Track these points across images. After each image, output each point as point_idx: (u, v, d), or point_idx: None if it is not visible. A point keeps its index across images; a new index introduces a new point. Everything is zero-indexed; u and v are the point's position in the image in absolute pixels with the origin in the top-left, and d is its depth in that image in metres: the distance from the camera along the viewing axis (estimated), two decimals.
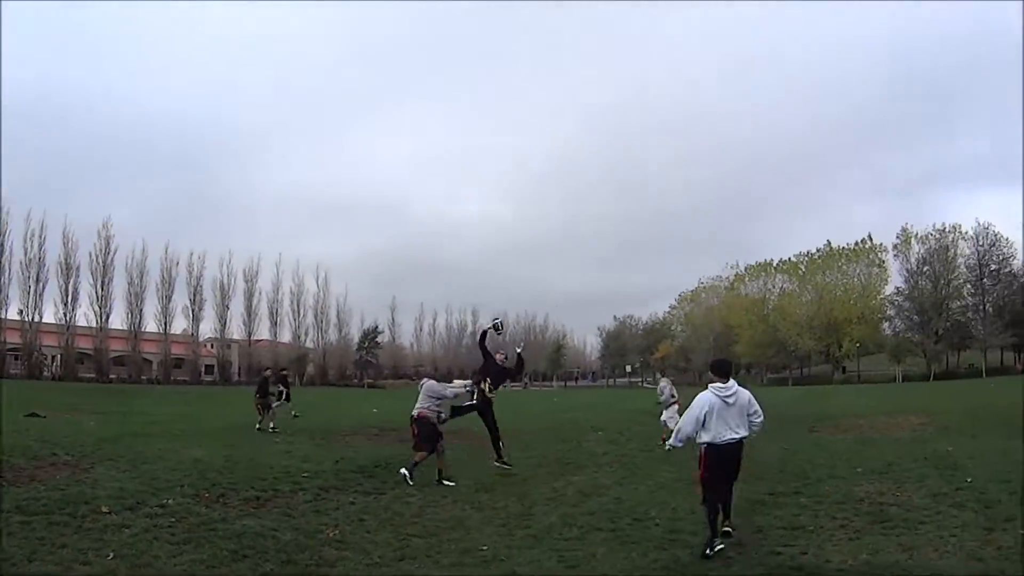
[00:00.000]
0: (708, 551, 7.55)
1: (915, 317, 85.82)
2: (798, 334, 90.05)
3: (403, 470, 12.37)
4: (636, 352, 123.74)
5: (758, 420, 8.30)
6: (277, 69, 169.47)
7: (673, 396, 18.87)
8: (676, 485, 11.91)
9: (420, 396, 13.25)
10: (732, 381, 8.15)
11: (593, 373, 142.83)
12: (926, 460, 13.87)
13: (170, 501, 9.57)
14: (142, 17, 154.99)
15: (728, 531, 8.13)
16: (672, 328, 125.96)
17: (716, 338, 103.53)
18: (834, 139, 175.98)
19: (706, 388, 8.15)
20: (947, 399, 34.24)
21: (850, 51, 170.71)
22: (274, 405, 24.13)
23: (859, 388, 64.57)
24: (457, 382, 14.64)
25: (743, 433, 8.10)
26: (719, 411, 7.90)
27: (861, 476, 12.41)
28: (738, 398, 8.03)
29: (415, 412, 13.01)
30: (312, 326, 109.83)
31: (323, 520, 9.30)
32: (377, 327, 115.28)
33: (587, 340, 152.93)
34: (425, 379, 13.91)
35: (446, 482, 12.35)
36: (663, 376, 20.60)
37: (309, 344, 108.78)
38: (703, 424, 7.94)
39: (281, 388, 26.10)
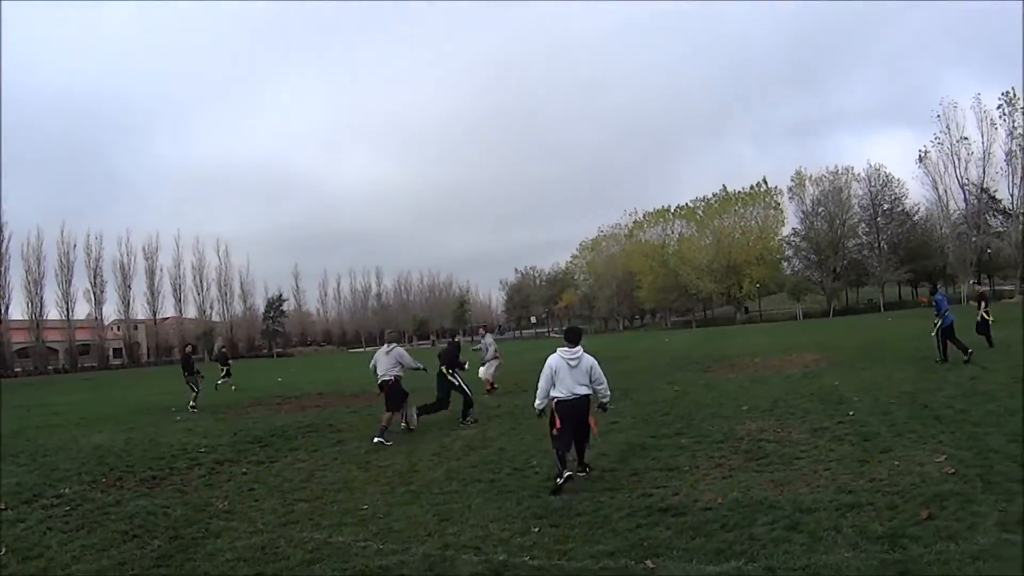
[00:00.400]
0: (559, 480, 8.46)
1: (812, 256, 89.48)
2: (698, 277, 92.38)
3: (376, 439, 12.77)
4: (540, 303, 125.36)
5: (601, 387, 9.33)
6: (167, 44, 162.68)
7: (496, 354, 20.06)
8: None
9: (386, 361, 14.03)
10: (579, 347, 9.24)
11: (500, 327, 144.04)
12: (812, 396, 14.43)
13: (67, 490, 9.85)
14: None
15: (584, 471, 9.17)
16: (575, 277, 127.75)
17: (618, 285, 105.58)
18: (730, 88, 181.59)
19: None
20: (843, 335, 35.74)
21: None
22: (219, 382, 26.97)
23: (760, 327, 66.71)
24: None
25: (586, 391, 9.10)
26: (566, 371, 9.03)
27: (745, 415, 12.85)
28: (581, 362, 9.12)
29: (387, 378, 13.84)
30: (217, 299, 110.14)
31: (214, 493, 9.58)
32: (281, 295, 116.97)
33: (492, 295, 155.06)
34: (394, 344, 14.64)
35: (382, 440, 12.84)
36: (488, 332, 20.77)
37: (216, 318, 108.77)
38: (555, 382, 9.05)
39: (222, 366, 28.70)
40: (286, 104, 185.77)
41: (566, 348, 9.21)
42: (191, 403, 20.51)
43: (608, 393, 9.52)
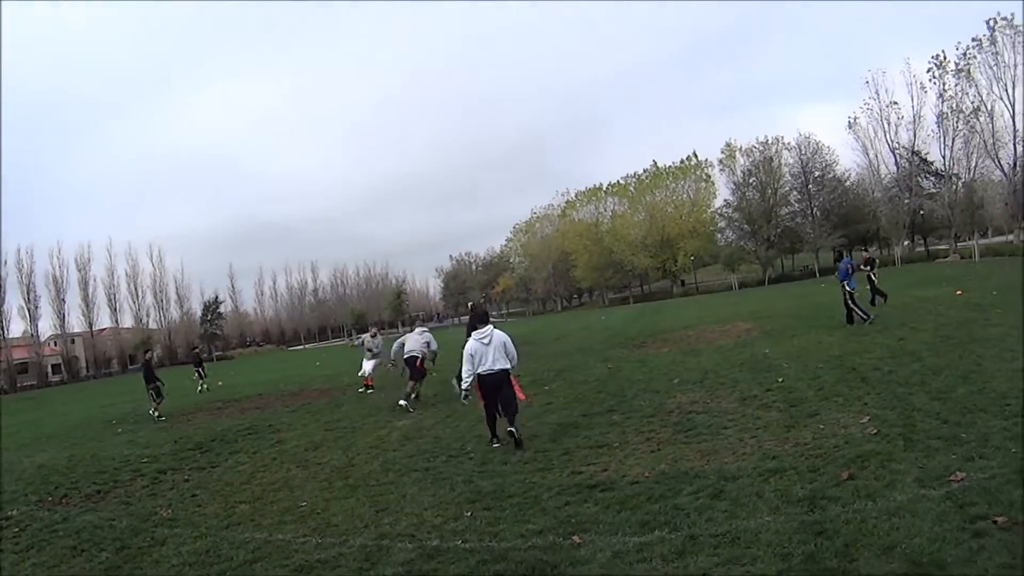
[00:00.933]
0: (493, 443, 10.22)
1: (745, 226, 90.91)
2: (633, 254, 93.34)
3: (402, 401, 15.12)
4: (477, 288, 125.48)
5: (512, 358, 10.64)
6: (87, 47, 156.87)
7: (376, 348, 20.29)
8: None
9: (417, 340, 16.35)
10: (489, 327, 10.63)
11: (438, 314, 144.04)
12: (743, 365, 14.83)
13: (15, 512, 9.84)
14: None
15: (516, 439, 10.04)
16: (510, 261, 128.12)
17: (554, 266, 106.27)
18: (660, 62, 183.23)
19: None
20: (777, 303, 36.48)
21: None
22: (203, 385, 28.31)
23: (696, 300, 67.77)
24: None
25: (503, 365, 10.40)
26: (482, 351, 10.43)
27: (676, 388, 13.17)
28: (493, 339, 10.46)
29: (415, 355, 16.11)
30: (153, 307, 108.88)
31: (158, 502, 9.68)
32: (218, 298, 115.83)
33: (429, 283, 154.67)
34: (425, 329, 17.35)
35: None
36: (377, 329, 20.98)
37: (153, 325, 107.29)
38: (477, 363, 10.42)
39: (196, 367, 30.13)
40: (215, 98, 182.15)
41: (478, 330, 10.57)
42: (153, 411, 20.26)
43: (516, 362, 10.77)
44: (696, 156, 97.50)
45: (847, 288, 19.43)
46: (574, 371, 18.01)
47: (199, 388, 28.70)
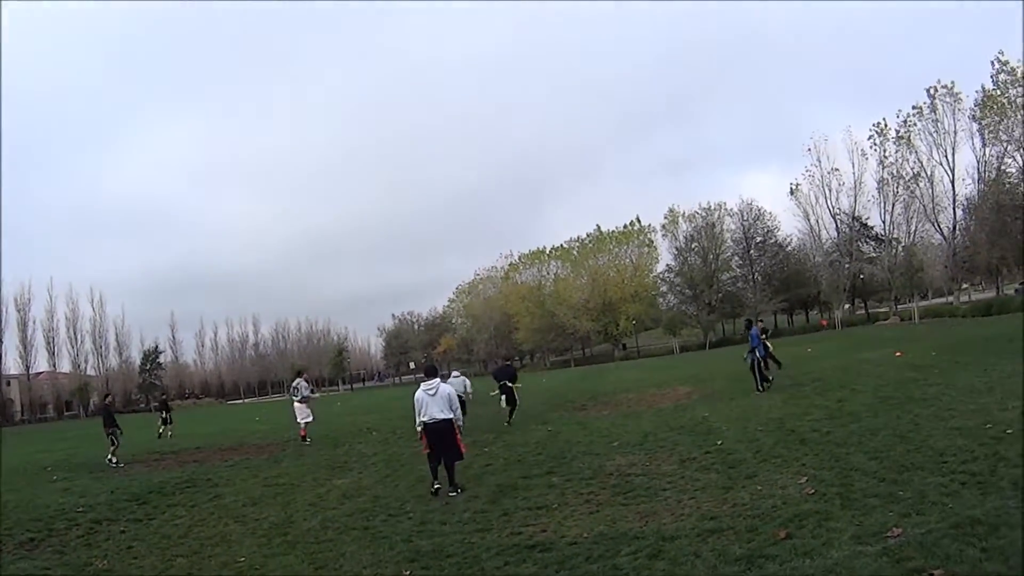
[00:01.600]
0: (432, 489, 11.16)
1: (687, 291, 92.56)
2: (575, 317, 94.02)
3: None
4: (419, 348, 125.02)
5: (456, 412, 11.60)
6: (32, 83, 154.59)
7: (305, 397, 20.98)
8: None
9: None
10: (436, 379, 11.74)
11: (379, 373, 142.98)
12: (682, 428, 14.99)
13: None
14: None
15: (454, 491, 11.03)
16: (453, 321, 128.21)
17: (496, 327, 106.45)
18: (604, 126, 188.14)
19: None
20: (717, 367, 36.86)
21: (626, 42, 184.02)
22: (161, 429, 28.10)
23: (637, 363, 68.15)
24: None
25: (447, 415, 11.38)
26: (428, 401, 11.43)
27: (616, 450, 13.28)
28: (439, 391, 11.52)
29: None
30: (92, 352, 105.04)
31: (93, 552, 9.55)
32: (158, 347, 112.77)
33: (370, 340, 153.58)
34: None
35: None
36: (302, 378, 21.16)
37: (91, 371, 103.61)
38: (420, 412, 11.48)
39: (163, 412, 29.78)
40: (159, 145, 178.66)
41: (426, 382, 11.63)
42: (110, 457, 19.89)
43: (462, 418, 12.00)
44: (639, 221, 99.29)
45: (757, 355, 20.23)
46: (515, 433, 18.03)
47: (160, 433, 28.30)
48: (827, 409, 14.66)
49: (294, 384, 21.87)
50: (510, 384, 20.92)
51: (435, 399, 11.40)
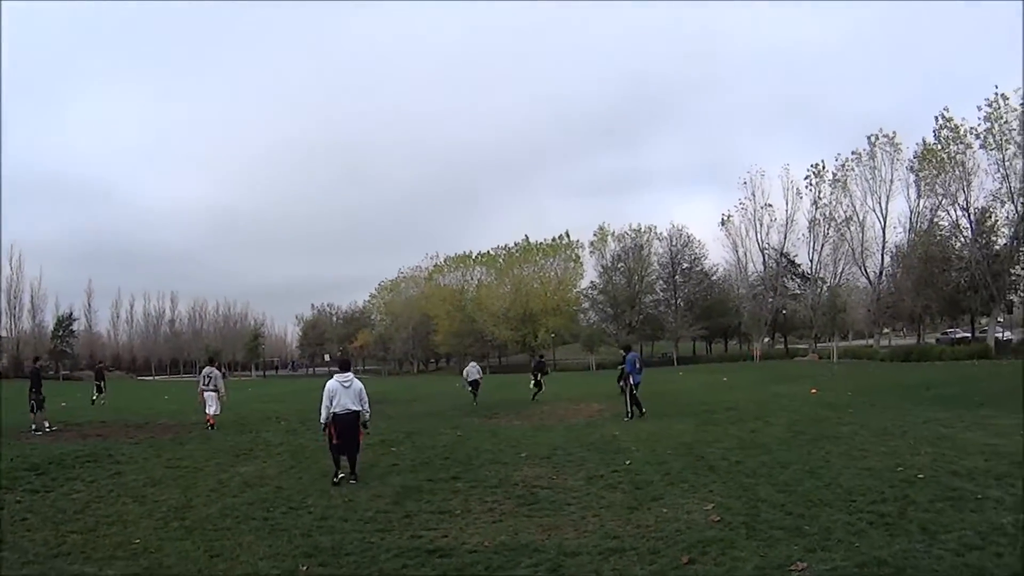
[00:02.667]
0: (335, 479, 11.56)
1: (609, 309, 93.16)
2: (495, 325, 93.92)
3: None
4: (335, 341, 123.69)
5: (365, 406, 12.23)
6: None
7: (217, 387, 20.67)
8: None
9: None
10: (350, 373, 12.34)
11: (293, 362, 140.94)
12: (592, 445, 15.02)
13: None
14: None
15: (354, 479, 11.69)
16: (372, 317, 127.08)
17: (415, 328, 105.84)
18: (544, 139, 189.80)
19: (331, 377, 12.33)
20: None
21: (573, 58, 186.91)
22: (95, 396, 29.65)
23: (552, 377, 67.96)
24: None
25: (357, 408, 12.03)
26: (342, 392, 11.98)
27: (523, 461, 13.27)
28: (353, 385, 12.10)
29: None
30: (5, 312, 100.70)
31: None
32: (72, 314, 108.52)
33: (288, 329, 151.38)
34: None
35: None
36: (214, 366, 21.04)
37: (3, 332, 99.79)
38: (333, 401, 11.88)
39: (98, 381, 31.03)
40: (98, 116, 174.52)
41: (340, 375, 12.16)
42: (33, 426, 19.80)
43: (369, 412, 12.43)
44: (568, 236, 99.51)
45: (632, 381, 20.36)
46: (423, 435, 17.90)
47: (93, 400, 29.49)
48: (739, 439, 14.84)
49: (205, 371, 21.35)
50: (541, 375, 30.85)
51: (348, 391, 11.98)
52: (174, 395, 38.38)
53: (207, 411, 20.35)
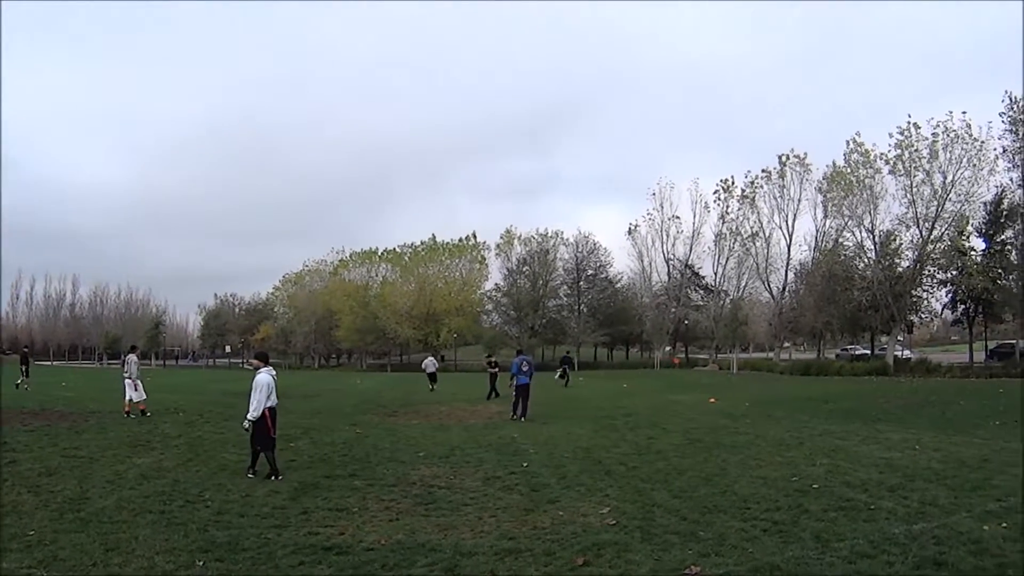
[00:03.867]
0: (278, 478, 11.44)
1: (512, 312, 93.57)
2: (397, 323, 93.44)
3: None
4: (237, 332, 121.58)
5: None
6: None
7: (131, 374, 20.85)
8: (238, 467, 12.39)
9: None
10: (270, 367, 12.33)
11: (194, 352, 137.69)
12: (490, 446, 15.20)
13: None
14: None
15: (252, 474, 11.60)
16: (274, 309, 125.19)
17: (317, 322, 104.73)
18: (456, 138, 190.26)
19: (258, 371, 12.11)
20: (533, 390, 37.37)
21: (491, 61, 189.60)
22: (20, 380, 29.89)
23: (453, 376, 68.23)
24: None
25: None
26: (274, 386, 11.98)
27: (421, 461, 13.34)
28: (275, 378, 12.17)
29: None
30: None
31: None
32: None
33: (189, 318, 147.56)
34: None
35: None
36: (134, 354, 21.04)
37: None
38: (269, 396, 11.82)
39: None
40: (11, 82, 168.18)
41: (267, 367, 12.17)
42: None
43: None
44: (475, 237, 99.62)
45: (517, 382, 21.76)
46: (322, 431, 17.80)
47: (17, 384, 29.38)
48: (636, 444, 15.13)
49: (126, 359, 21.89)
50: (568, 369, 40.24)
51: (275, 385, 12.08)
52: (72, 382, 37.20)
53: (127, 396, 20.45)
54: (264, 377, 11.85)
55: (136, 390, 20.67)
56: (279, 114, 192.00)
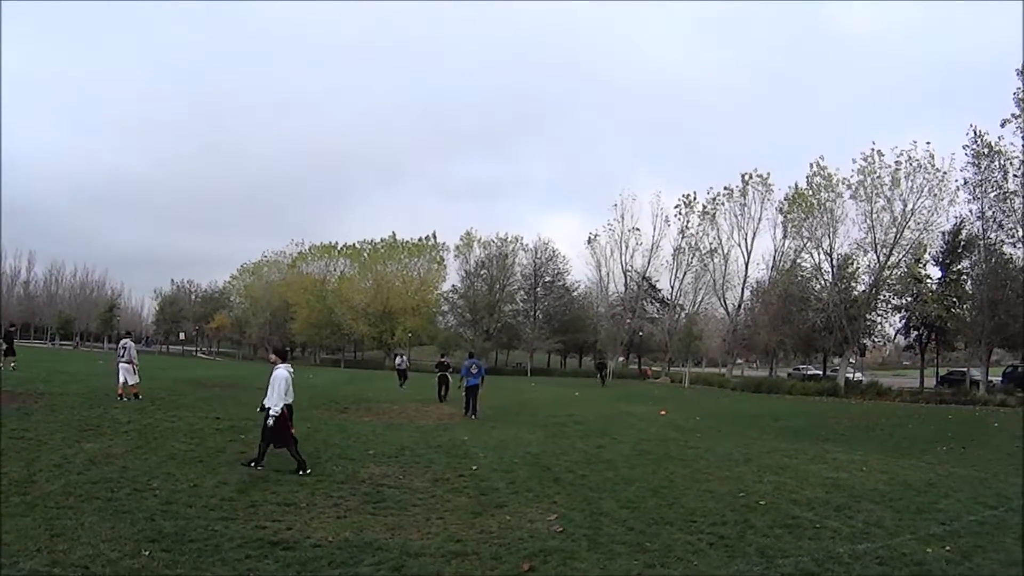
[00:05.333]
0: (254, 464, 11.69)
1: (468, 315, 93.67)
2: (353, 319, 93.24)
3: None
4: (192, 320, 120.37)
5: None
6: None
7: (131, 359, 21.61)
8: (188, 457, 12.45)
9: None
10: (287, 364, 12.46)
11: (148, 338, 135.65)
12: (440, 448, 15.22)
13: None
14: None
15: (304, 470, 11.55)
16: (230, 299, 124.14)
17: (273, 313, 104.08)
18: (420, 136, 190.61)
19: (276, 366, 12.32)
20: (485, 393, 37.39)
21: (458, 60, 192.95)
22: (12, 364, 29.90)
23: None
24: None
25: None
26: (291, 383, 12.20)
27: (371, 459, 13.35)
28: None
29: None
30: None
31: None
32: None
33: (145, 302, 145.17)
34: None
35: None
36: (129, 337, 21.44)
37: None
38: (288, 392, 11.99)
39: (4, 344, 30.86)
40: None
41: (285, 364, 12.35)
42: None
43: None
44: (435, 238, 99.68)
45: (466, 383, 23.39)
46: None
47: (12, 366, 29.57)
48: (585, 453, 15.23)
49: (122, 343, 22.24)
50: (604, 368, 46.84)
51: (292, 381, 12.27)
52: (23, 361, 36.67)
53: (122, 379, 21.01)
54: (283, 372, 11.97)
55: (133, 374, 21.34)
56: (243, 102, 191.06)
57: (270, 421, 11.65)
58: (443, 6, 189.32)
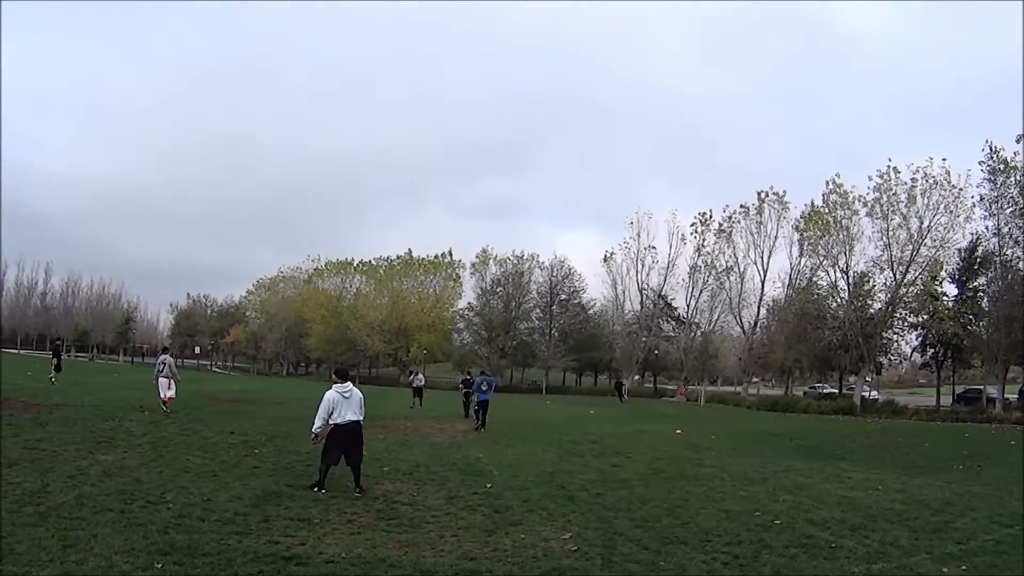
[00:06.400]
0: (316, 489, 11.46)
1: (483, 332, 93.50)
2: (368, 335, 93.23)
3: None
4: (208, 334, 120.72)
5: (363, 410, 12.30)
6: None
7: (172, 373, 22.42)
8: (201, 470, 12.43)
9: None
10: (349, 383, 12.33)
11: (165, 349, 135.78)
12: (454, 465, 15.23)
13: None
14: None
15: (360, 491, 11.50)
16: (246, 313, 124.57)
17: (288, 329, 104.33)
18: (438, 152, 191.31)
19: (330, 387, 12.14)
20: (500, 410, 37.29)
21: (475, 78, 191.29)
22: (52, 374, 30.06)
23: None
24: None
25: (359, 417, 12.08)
26: (342, 403, 11.91)
27: (385, 475, 13.34)
28: (353, 394, 12.12)
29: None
30: None
31: None
32: None
33: (160, 315, 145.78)
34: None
35: None
36: (168, 354, 21.93)
37: None
38: (334, 412, 11.82)
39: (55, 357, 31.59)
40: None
41: (339, 384, 12.12)
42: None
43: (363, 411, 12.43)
44: (451, 254, 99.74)
45: (478, 398, 25.30)
46: (288, 439, 17.65)
47: (52, 380, 29.59)
48: (600, 471, 15.18)
49: (161, 359, 22.92)
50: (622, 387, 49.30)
51: (350, 401, 12.00)
52: (37, 372, 36.81)
53: (163, 394, 21.69)
54: (329, 393, 12.01)
55: (169, 388, 21.95)
56: (259, 114, 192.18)
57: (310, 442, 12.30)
58: (459, 23, 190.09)
